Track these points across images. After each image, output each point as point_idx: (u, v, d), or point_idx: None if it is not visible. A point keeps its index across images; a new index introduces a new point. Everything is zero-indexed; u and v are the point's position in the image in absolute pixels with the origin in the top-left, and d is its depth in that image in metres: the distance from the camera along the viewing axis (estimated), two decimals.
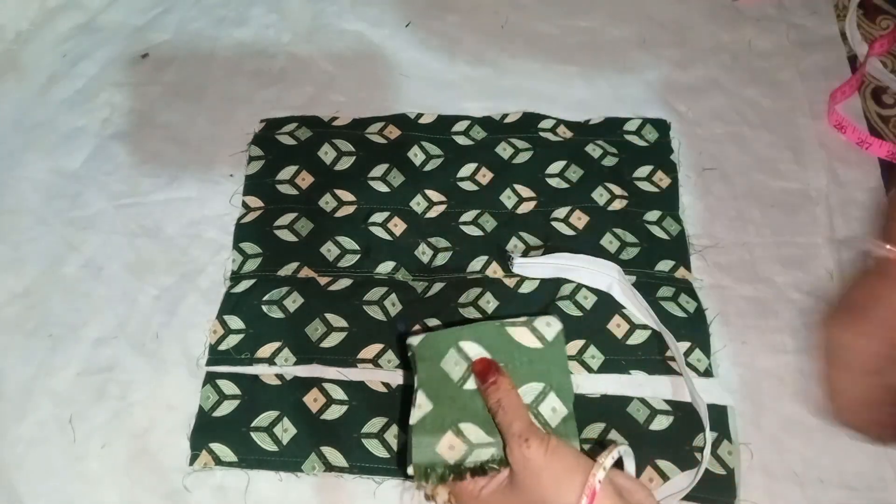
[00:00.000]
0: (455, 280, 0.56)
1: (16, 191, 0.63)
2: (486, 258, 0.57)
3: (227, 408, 0.52)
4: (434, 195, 0.61)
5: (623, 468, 0.40)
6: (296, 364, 0.53)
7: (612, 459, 0.38)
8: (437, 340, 0.44)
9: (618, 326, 0.54)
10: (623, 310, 0.54)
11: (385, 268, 0.57)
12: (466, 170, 0.62)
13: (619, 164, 0.61)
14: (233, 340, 0.54)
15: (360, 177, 0.62)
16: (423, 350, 0.44)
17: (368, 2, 0.74)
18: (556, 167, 0.61)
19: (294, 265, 0.57)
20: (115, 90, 0.69)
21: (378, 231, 0.59)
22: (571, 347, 0.53)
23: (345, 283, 0.56)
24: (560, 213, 0.59)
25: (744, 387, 0.52)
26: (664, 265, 0.56)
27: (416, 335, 0.45)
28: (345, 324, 0.54)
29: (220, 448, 0.50)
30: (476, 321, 0.46)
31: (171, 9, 0.74)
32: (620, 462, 0.40)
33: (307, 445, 0.50)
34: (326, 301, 0.55)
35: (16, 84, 0.69)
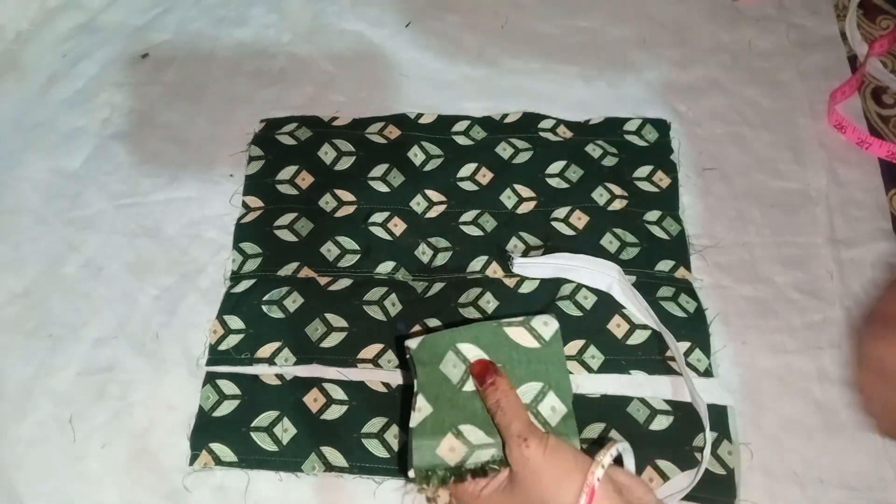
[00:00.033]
0: (455, 280, 0.56)
1: (16, 191, 0.63)
2: (486, 258, 0.57)
3: (227, 408, 0.52)
4: (434, 195, 0.61)
5: (623, 465, 0.40)
6: (296, 364, 0.53)
7: (611, 457, 0.38)
8: (435, 343, 0.44)
9: (618, 326, 0.54)
10: (623, 310, 0.54)
11: (385, 268, 0.57)
12: (466, 170, 0.62)
13: (619, 164, 0.61)
14: (233, 340, 0.54)
15: (360, 177, 0.62)
16: (422, 353, 0.44)
17: (368, 2, 0.74)
18: (556, 167, 0.61)
19: (294, 265, 0.57)
20: (115, 90, 0.69)
21: (378, 231, 0.59)
22: (571, 347, 0.53)
23: (345, 283, 0.56)
24: (560, 213, 0.59)
25: (744, 387, 0.52)
26: (664, 265, 0.56)
27: (414, 338, 0.45)
28: (345, 324, 0.54)
29: (220, 448, 0.50)
30: (475, 321, 0.46)
31: (171, 9, 0.74)
32: (620, 459, 0.40)
33: (307, 445, 0.50)
34: (326, 301, 0.55)
35: (16, 84, 0.69)
